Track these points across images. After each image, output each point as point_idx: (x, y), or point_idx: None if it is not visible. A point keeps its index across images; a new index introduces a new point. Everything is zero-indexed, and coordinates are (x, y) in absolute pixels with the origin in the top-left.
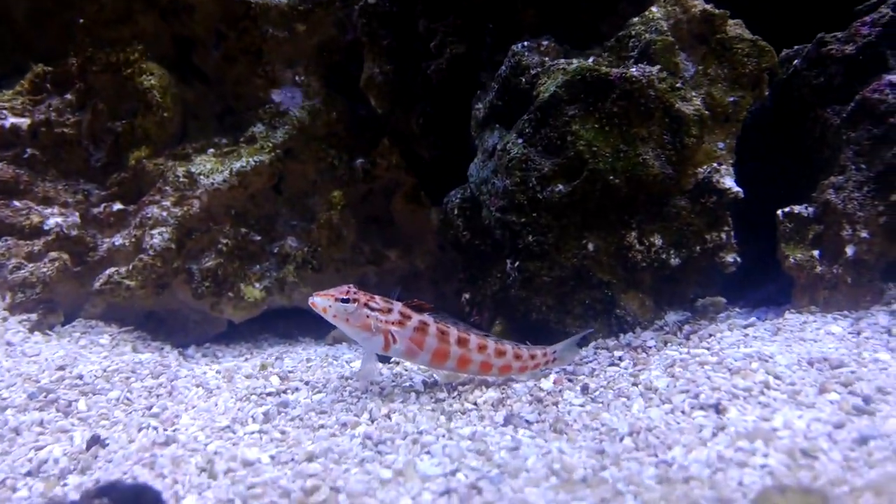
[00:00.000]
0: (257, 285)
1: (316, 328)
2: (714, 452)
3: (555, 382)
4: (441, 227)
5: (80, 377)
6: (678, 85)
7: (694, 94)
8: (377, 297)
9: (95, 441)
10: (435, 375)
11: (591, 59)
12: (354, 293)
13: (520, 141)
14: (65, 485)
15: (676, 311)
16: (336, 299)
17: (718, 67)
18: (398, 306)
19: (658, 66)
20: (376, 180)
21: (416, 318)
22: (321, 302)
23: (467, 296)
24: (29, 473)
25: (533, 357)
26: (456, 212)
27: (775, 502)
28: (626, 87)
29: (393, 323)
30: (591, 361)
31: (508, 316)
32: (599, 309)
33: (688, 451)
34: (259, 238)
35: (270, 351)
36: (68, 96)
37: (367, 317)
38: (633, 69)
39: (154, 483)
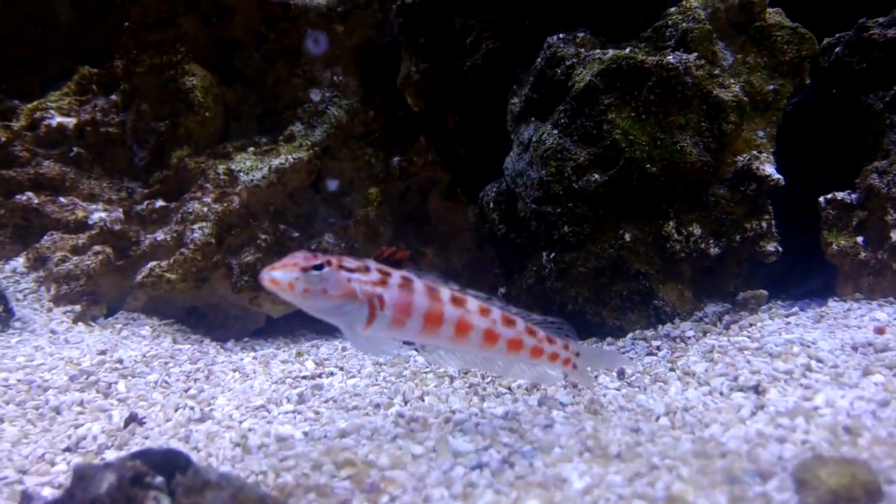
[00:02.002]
0: None
1: None
2: (753, 429)
3: None
4: (477, 221)
5: (121, 361)
6: (716, 72)
7: (732, 81)
8: (346, 257)
9: (133, 419)
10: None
11: (627, 50)
12: (323, 256)
13: (555, 131)
14: (102, 459)
15: (717, 303)
16: (303, 268)
17: (758, 55)
18: (373, 264)
19: (695, 54)
20: (413, 178)
21: (396, 274)
22: (283, 276)
23: (503, 290)
24: (68, 449)
25: (552, 342)
26: (491, 205)
27: (817, 473)
28: (663, 75)
29: (376, 283)
30: (627, 351)
31: (544, 309)
32: (637, 300)
33: (725, 428)
34: (297, 235)
35: (308, 344)
36: (113, 97)
37: (349, 281)
38: (670, 56)
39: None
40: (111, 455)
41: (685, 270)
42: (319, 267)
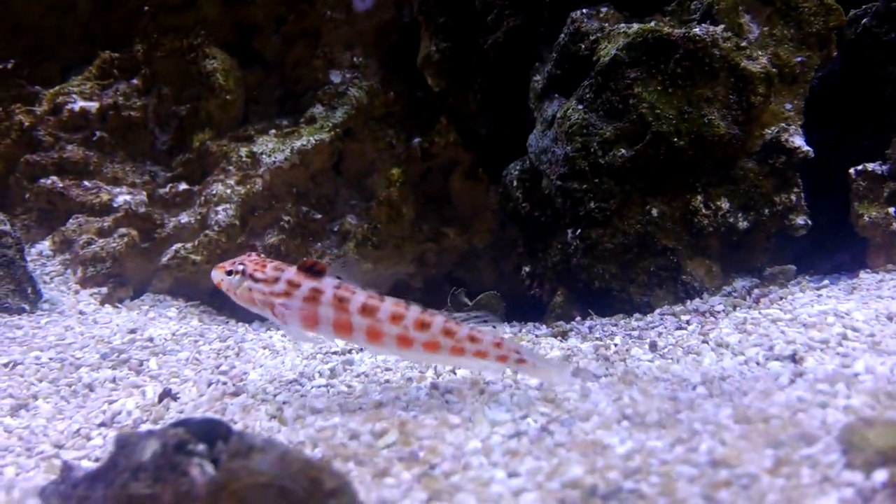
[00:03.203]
0: None
1: None
2: (794, 396)
3: None
4: (500, 199)
5: (151, 339)
6: (743, 44)
7: (760, 52)
8: (270, 264)
9: (167, 394)
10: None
11: (651, 23)
12: (241, 264)
13: (580, 107)
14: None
15: (745, 278)
16: (227, 271)
17: (784, 27)
18: (289, 273)
19: (722, 26)
20: (434, 159)
21: (306, 285)
22: (215, 275)
23: (527, 269)
24: (103, 424)
25: (474, 341)
26: (515, 183)
27: (864, 435)
28: (690, 47)
29: (279, 294)
30: (657, 326)
31: (570, 286)
32: (664, 276)
33: (765, 395)
34: (320, 216)
35: None
36: (135, 81)
37: (251, 290)
38: (697, 28)
39: None
40: (146, 428)
41: (713, 245)
42: (230, 272)
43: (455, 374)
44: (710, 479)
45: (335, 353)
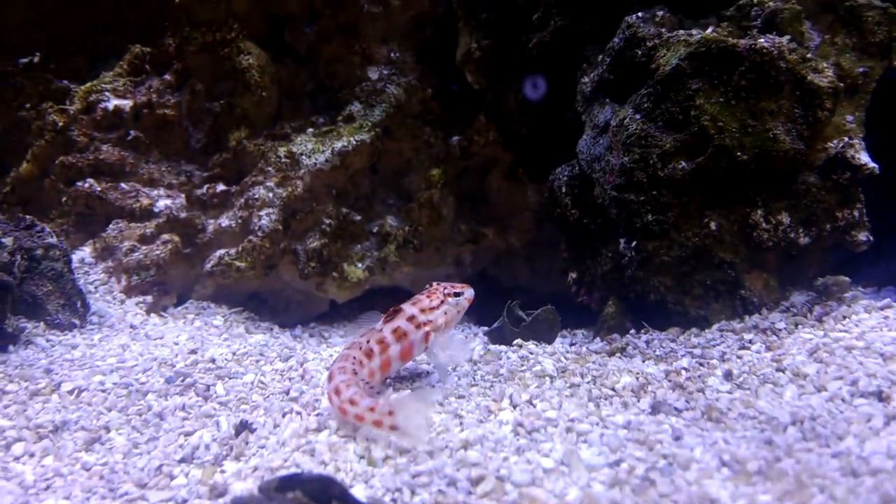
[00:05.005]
0: (359, 265)
1: None
2: (892, 443)
3: None
4: (547, 204)
5: (213, 360)
6: (808, 56)
7: (825, 64)
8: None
9: (244, 426)
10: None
11: (710, 30)
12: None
13: (638, 116)
14: (223, 471)
15: (800, 290)
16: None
17: (846, 36)
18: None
19: (788, 37)
20: (472, 158)
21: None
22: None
23: (574, 275)
24: (183, 460)
25: (353, 404)
26: (564, 189)
27: None
28: (756, 60)
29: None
30: (718, 344)
31: (622, 296)
32: (721, 290)
33: (861, 440)
34: (359, 218)
35: None
36: (167, 77)
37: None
38: (762, 40)
39: (317, 470)
40: (231, 466)
41: (770, 259)
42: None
43: (534, 405)
44: None
45: (403, 378)
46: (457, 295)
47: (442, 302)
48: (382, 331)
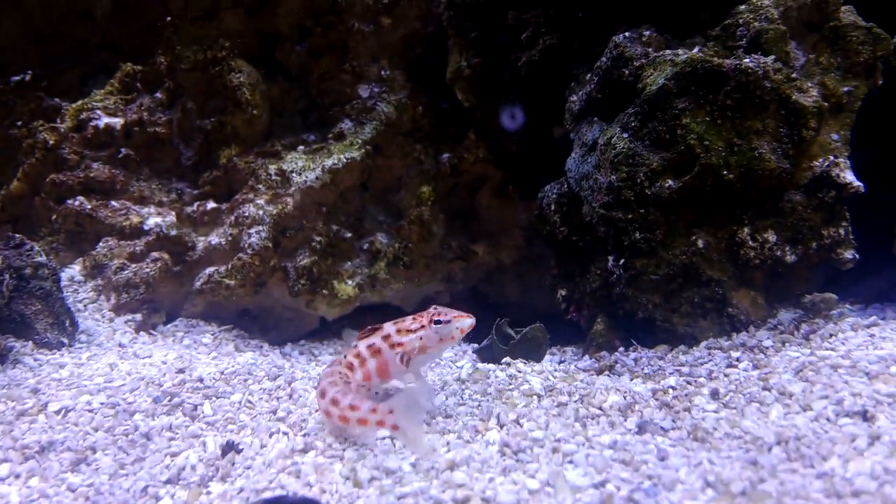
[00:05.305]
0: (349, 282)
1: None
2: (874, 463)
3: None
4: (536, 222)
5: (201, 380)
6: (793, 76)
7: (810, 84)
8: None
9: (230, 447)
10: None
11: (696, 50)
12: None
13: (625, 135)
14: (208, 493)
15: (787, 308)
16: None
17: (831, 56)
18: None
19: (773, 57)
20: (463, 175)
21: None
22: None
23: (563, 292)
24: (169, 481)
25: (354, 409)
26: (553, 207)
27: None
28: (742, 79)
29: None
30: (706, 362)
31: (610, 314)
32: (709, 307)
33: (845, 461)
34: (350, 235)
35: None
36: (158, 95)
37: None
38: (748, 60)
39: (302, 492)
40: (216, 488)
41: (757, 277)
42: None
43: (521, 425)
44: None
45: (391, 396)
46: (441, 322)
47: (422, 326)
48: (357, 346)
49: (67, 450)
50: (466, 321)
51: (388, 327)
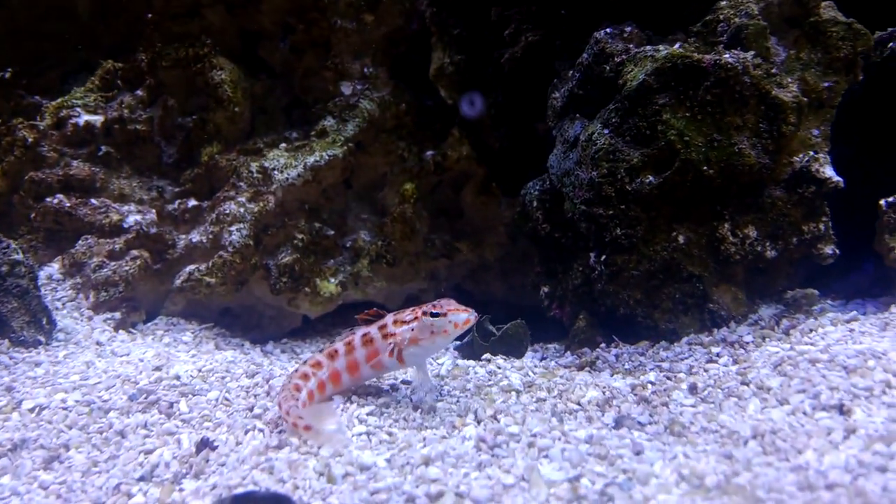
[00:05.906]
0: (332, 280)
1: None
2: (849, 456)
3: None
4: (518, 219)
5: (178, 377)
6: (773, 71)
7: (790, 80)
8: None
9: (205, 444)
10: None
11: (677, 46)
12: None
13: (606, 131)
14: (181, 490)
15: (768, 304)
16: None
17: (811, 51)
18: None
19: (752, 52)
20: (446, 172)
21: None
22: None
23: (546, 289)
24: (142, 478)
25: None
26: (535, 204)
27: None
28: (721, 75)
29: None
30: (686, 357)
31: (592, 310)
32: (690, 303)
33: (820, 454)
34: (332, 233)
35: None
36: (139, 92)
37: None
38: (727, 55)
39: (275, 488)
40: (189, 485)
41: (738, 272)
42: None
43: (498, 420)
44: None
45: (369, 394)
46: (436, 315)
47: (416, 318)
48: (354, 332)
49: (40, 447)
50: (462, 316)
51: (388, 317)
